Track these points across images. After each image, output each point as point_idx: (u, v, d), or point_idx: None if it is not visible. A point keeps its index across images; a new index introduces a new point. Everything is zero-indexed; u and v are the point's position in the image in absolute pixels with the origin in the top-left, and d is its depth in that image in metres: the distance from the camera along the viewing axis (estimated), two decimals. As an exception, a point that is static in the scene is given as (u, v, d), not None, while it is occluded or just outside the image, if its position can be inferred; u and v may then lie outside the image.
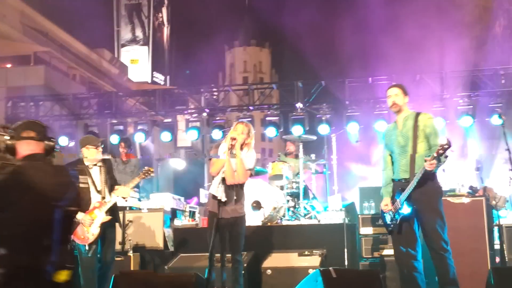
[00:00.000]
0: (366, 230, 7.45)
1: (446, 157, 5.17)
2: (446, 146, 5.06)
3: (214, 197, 5.71)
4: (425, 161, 5.17)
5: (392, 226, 5.53)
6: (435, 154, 5.10)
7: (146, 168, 6.54)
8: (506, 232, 7.43)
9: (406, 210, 5.36)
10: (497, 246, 7.48)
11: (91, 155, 6.15)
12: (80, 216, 5.85)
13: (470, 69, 12.70)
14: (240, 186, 5.91)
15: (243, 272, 5.86)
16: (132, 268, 7.52)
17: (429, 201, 5.38)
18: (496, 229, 7.51)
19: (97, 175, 6.17)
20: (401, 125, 5.63)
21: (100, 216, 5.99)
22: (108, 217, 6.03)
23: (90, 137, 6.51)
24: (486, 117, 11.56)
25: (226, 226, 5.73)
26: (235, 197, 5.80)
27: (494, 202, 7.72)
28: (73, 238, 5.86)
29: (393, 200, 5.52)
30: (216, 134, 11.97)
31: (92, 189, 6.07)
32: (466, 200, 7.12)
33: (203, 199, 9.88)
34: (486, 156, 12.88)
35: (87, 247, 5.90)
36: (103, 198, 6.08)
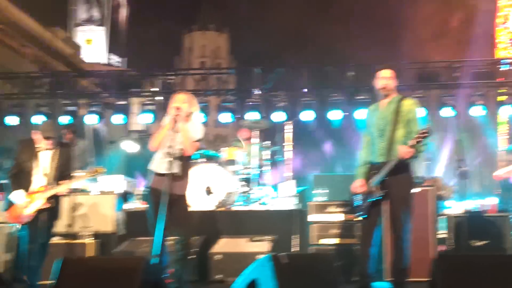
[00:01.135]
0: (316, 217, 7.50)
1: (425, 145, 5.15)
2: (425, 134, 5.03)
3: (158, 174, 5.48)
4: (402, 148, 5.16)
5: (360, 209, 5.51)
6: (411, 142, 5.08)
7: (94, 168, 6.43)
8: (451, 221, 7.62)
9: (377, 194, 5.35)
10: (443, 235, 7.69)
11: (38, 141, 6.06)
12: (17, 195, 5.75)
13: (425, 61, 12.90)
14: (187, 160, 5.66)
15: (192, 257, 5.81)
16: (86, 253, 7.43)
17: (401, 190, 5.37)
18: (441, 218, 7.70)
19: (47, 159, 6.05)
20: (383, 108, 5.56)
21: (39, 201, 5.88)
22: (47, 204, 5.92)
23: (44, 126, 6.34)
24: (437, 109, 11.79)
25: (173, 203, 5.39)
26: (181, 172, 5.51)
27: (441, 192, 7.88)
28: (6, 216, 5.77)
29: (366, 182, 5.49)
30: (171, 118, 11.83)
31: (36, 171, 5.96)
32: (416, 190, 7.26)
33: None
34: (436, 147, 13.14)
35: (18, 227, 5.82)
36: (49, 183, 5.96)
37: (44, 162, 6.03)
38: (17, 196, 5.85)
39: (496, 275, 4.53)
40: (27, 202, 5.82)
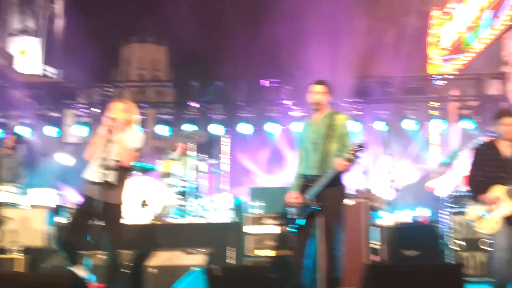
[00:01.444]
0: (252, 229, 7.52)
1: (358, 158, 5.23)
2: (360, 148, 5.14)
3: (92, 182, 5.35)
4: (337, 161, 5.25)
5: (294, 220, 5.55)
6: (347, 156, 5.18)
7: None
8: (384, 232, 7.80)
9: (311, 206, 5.41)
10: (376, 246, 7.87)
11: None
12: None
13: (360, 76, 13.19)
14: (124, 170, 5.53)
15: (127, 271, 5.69)
16: (14, 269, 7.18)
17: (333, 202, 5.45)
18: (375, 229, 7.88)
19: None
20: (316, 122, 5.65)
21: None
22: None
23: None
24: (371, 123, 12.07)
25: (106, 213, 5.28)
26: (116, 182, 5.36)
27: (374, 204, 8.06)
28: None
29: (301, 195, 5.54)
30: (107, 130, 11.66)
31: None
32: (350, 202, 7.43)
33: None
34: (371, 160, 13.42)
35: None
36: None
37: None
38: None
39: (424, 284, 4.66)
40: None
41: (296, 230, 5.60)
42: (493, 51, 13.46)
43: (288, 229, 5.72)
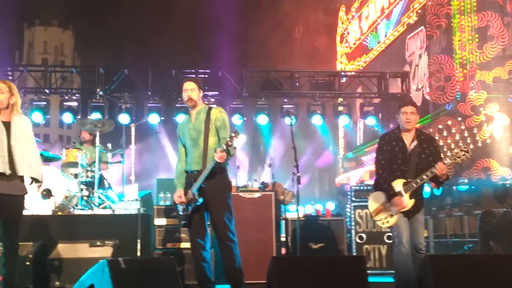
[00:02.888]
0: (161, 221, 7.44)
1: (234, 148, 5.39)
2: (234, 137, 5.27)
3: None
4: (216, 153, 5.34)
5: (184, 217, 5.64)
6: (224, 147, 5.30)
7: None
8: (290, 225, 7.96)
9: (196, 201, 5.50)
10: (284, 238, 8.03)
11: None
12: None
13: (269, 69, 13.35)
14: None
15: (27, 263, 5.49)
16: None
17: (218, 194, 5.57)
18: (283, 222, 8.03)
19: None
20: (194, 118, 5.75)
21: None
22: None
23: None
24: (280, 117, 12.27)
25: (2, 204, 5.05)
26: (10, 171, 5.07)
27: (282, 197, 8.19)
28: None
29: (186, 191, 5.62)
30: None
31: None
32: (257, 194, 7.53)
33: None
34: (278, 153, 13.65)
35: None
36: None
37: None
38: None
39: (328, 275, 4.80)
40: None
41: (186, 225, 5.69)
42: (397, 50, 14.00)
43: (180, 224, 5.84)
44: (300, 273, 4.78)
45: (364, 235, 8.17)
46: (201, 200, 5.50)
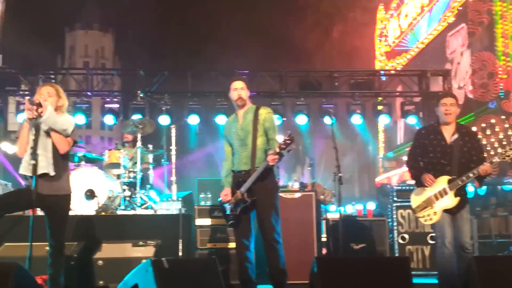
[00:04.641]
0: (202, 221, 7.48)
1: (288, 151, 5.35)
2: (289, 141, 5.24)
3: (30, 177, 5.03)
4: (268, 155, 5.33)
5: (231, 216, 5.63)
6: (277, 149, 5.27)
7: None
8: (331, 225, 7.91)
9: (245, 201, 5.49)
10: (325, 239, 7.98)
11: None
12: None
13: (308, 69, 13.28)
14: (62, 158, 5.21)
15: (72, 263, 5.57)
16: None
17: (266, 195, 5.55)
18: (323, 222, 7.98)
19: None
20: (241, 118, 5.73)
21: None
22: None
23: None
24: (319, 117, 12.20)
25: (47, 205, 5.10)
26: (55, 171, 5.11)
27: (322, 197, 8.15)
28: None
29: (233, 191, 5.62)
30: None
31: None
32: (297, 195, 7.49)
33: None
34: (318, 153, 13.58)
35: None
36: None
37: None
38: None
39: (372, 277, 4.74)
40: None
41: (233, 225, 5.69)
42: (438, 48, 13.81)
43: (227, 224, 5.82)
44: (343, 274, 4.73)
45: (406, 236, 8.06)
46: (249, 202, 5.48)
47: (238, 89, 5.70)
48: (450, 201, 5.47)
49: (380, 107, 12.24)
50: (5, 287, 4.21)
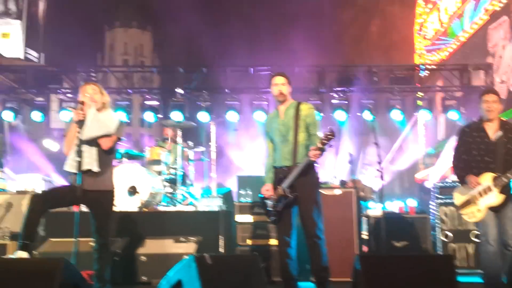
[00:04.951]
0: (242, 218, 7.51)
1: (330, 146, 5.30)
2: (330, 136, 5.21)
3: (74, 173, 5.14)
4: (310, 151, 5.30)
5: (273, 213, 5.61)
6: (319, 145, 5.24)
7: None
8: (372, 223, 7.84)
9: (287, 197, 5.46)
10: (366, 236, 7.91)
11: None
12: None
13: (346, 64, 13.20)
14: (106, 154, 5.30)
15: (116, 258, 5.64)
16: (7, 255, 7.08)
17: (308, 191, 5.51)
18: (363, 219, 7.91)
19: None
20: (282, 114, 5.70)
21: None
22: None
23: None
24: (358, 112, 12.09)
25: (92, 201, 5.21)
26: (99, 168, 5.19)
27: (362, 193, 8.08)
28: None
29: (274, 187, 5.60)
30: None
31: None
32: (337, 191, 7.44)
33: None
34: (357, 149, 13.47)
35: None
36: None
37: None
38: None
39: (416, 275, 4.69)
40: None
41: (275, 222, 5.67)
42: (479, 42, 13.53)
43: (268, 220, 5.79)
44: (387, 272, 4.68)
45: (449, 233, 7.94)
46: (291, 197, 5.46)
47: (279, 84, 5.68)
48: (495, 198, 5.39)
49: (420, 102, 12.10)
50: (53, 281, 4.28)
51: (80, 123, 5.17)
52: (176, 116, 11.09)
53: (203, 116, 11.42)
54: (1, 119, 11.85)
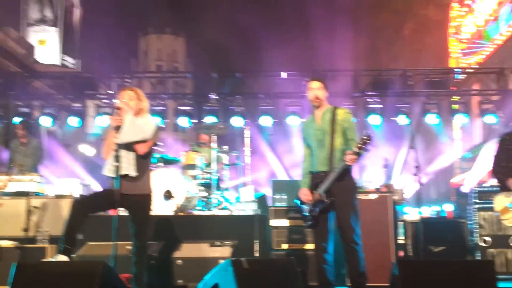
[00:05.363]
0: (277, 222, 7.50)
1: (366, 151, 5.26)
2: (367, 140, 5.17)
3: (111, 177, 5.23)
4: (346, 155, 5.28)
5: (309, 218, 5.60)
6: (356, 149, 5.21)
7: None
8: (409, 227, 7.75)
9: (324, 202, 5.45)
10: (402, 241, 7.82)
11: None
12: None
13: (380, 69, 13.10)
14: (143, 159, 5.34)
15: (153, 262, 5.69)
16: (46, 258, 7.20)
17: (345, 196, 5.49)
18: (400, 224, 7.83)
19: None
20: (319, 119, 5.69)
21: None
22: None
23: None
24: (393, 117, 11.99)
25: (130, 205, 5.30)
26: (136, 172, 5.26)
27: (395, 198, 8.00)
28: None
29: (311, 192, 5.59)
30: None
31: None
32: (373, 196, 7.38)
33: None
34: (392, 154, 13.36)
35: None
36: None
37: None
38: None
39: (456, 280, 4.62)
40: None
41: (312, 227, 5.65)
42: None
43: (304, 225, 5.78)
44: (425, 277, 4.63)
45: (488, 239, 7.81)
46: (328, 202, 5.44)
47: (315, 89, 5.66)
48: None
49: (455, 106, 11.94)
50: (93, 284, 4.36)
51: (117, 128, 5.25)
52: (210, 120, 11.16)
53: (237, 121, 11.46)
54: (39, 125, 12.06)
